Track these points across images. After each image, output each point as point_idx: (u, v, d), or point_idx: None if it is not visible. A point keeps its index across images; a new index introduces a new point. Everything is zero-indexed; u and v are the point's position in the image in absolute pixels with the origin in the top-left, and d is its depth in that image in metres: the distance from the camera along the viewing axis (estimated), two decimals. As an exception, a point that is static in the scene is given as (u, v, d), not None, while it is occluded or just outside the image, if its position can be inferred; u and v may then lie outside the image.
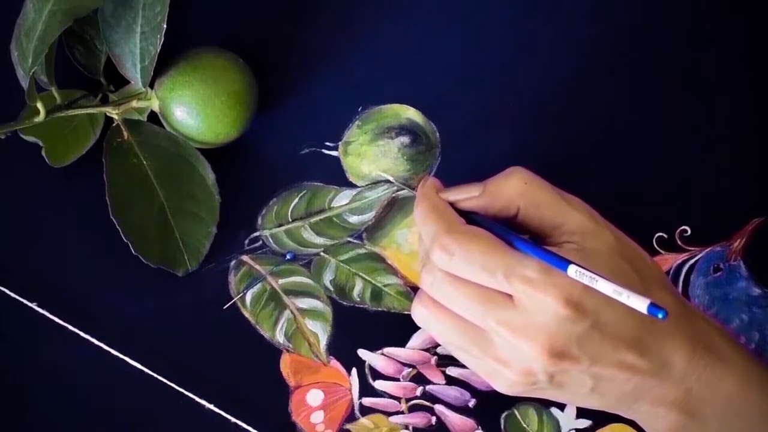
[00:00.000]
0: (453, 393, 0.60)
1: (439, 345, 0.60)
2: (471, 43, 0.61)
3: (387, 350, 0.61)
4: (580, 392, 0.50)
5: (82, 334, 0.59)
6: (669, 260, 0.60)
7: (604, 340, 0.47)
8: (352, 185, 0.61)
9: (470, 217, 0.51)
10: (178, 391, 0.59)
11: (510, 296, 0.47)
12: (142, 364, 0.59)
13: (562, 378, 0.48)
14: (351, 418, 0.61)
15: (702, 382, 0.49)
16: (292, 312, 0.61)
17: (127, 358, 0.59)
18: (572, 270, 0.45)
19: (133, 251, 0.58)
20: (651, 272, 0.50)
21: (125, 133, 0.58)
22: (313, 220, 0.61)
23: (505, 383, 0.49)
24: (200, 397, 0.59)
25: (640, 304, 0.42)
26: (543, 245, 0.49)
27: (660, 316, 0.41)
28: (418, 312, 0.51)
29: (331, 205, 0.61)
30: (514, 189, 0.50)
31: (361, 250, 0.61)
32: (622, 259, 0.49)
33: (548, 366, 0.47)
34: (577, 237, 0.49)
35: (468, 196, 0.51)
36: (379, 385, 0.61)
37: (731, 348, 0.50)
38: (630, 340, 0.47)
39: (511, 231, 0.49)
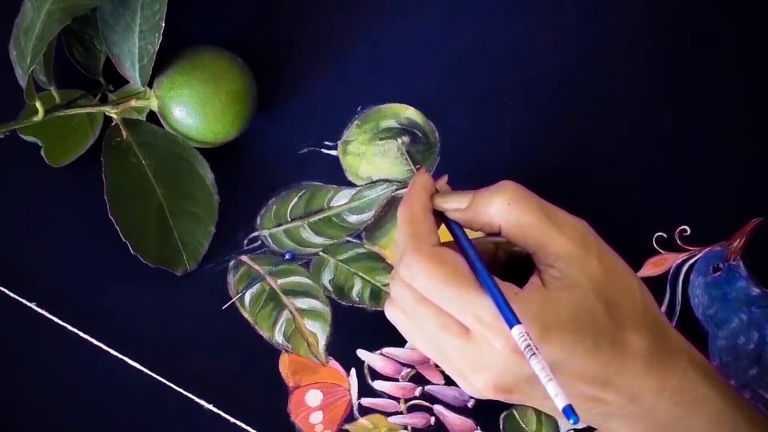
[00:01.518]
0: (452, 393, 0.60)
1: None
2: (470, 43, 0.61)
3: (386, 350, 0.60)
4: (544, 409, 0.50)
5: (81, 334, 0.59)
6: (668, 260, 0.60)
7: (559, 378, 0.46)
8: (351, 184, 0.61)
9: (450, 227, 0.50)
10: (177, 391, 0.59)
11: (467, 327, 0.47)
12: (141, 364, 0.59)
13: (519, 398, 0.48)
14: (350, 418, 0.61)
15: (672, 417, 0.48)
16: (291, 312, 0.61)
17: (126, 358, 0.59)
18: (516, 332, 0.44)
19: (132, 251, 0.58)
20: (631, 310, 0.48)
21: (124, 133, 0.58)
22: (312, 219, 0.61)
23: (467, 390, 0.49)
24: (199, 397, 0.59)
25: (559, 402, 0.43)
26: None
27: (572, 421, 0.42)
28: (389, 311, 0.50)
29: (330, 205, 0.61)
30: (496, 208, 0.48)
31: (360, 250, 0.61)
32: (599, 298, 0.47)
33: (497, 397, 0.48)
34: (561, 263, 0.48)
35: (455, 207, 0.50)
36: (378, 385, 0.60)
37: (708, 384, 0.49)
38: (592, 378, 0.47)
39: (479, 260, 0.48)
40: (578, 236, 0.48)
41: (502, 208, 0.48)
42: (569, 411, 0.42)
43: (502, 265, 0.52)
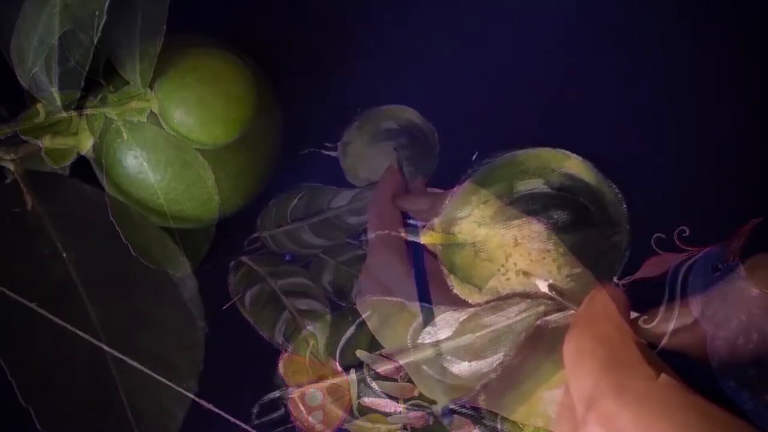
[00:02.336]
0: (451, 393, 0.60)
1: (437, 344, 0.60)
2: (470, 45, 0.61)
3: (385, 351, 0.60)
4: (505, 412, 0.52)
5: (81, 334, 0.59)
6: (667, 260, 0.60)
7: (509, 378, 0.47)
8: (351, 186, 0.61)
9: (407, 230, 0.51)
10: (177, 390, 0.59)
11: None
12: (141, 364, 0.59)
13: (472, 398, 0.49)
14: (349, 417, 0.61)
15: (635, 425, 0.47)
16: (291, 313, 0.61)
17: (126, 358, 0.59)
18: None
19: (133, 253, 0.58)
20: (591, 318, 0.49)
21: (125, 134, 0.59)
22: (312, 221, 0.61)
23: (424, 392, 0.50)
24: (199, 397, 0.59)
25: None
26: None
27: (446, 422, 0.45)
28: (359, 305, 0.52)
29: (330, 206, 0.61)
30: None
31: (360, 252, 0.61)
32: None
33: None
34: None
35: (417, 207, 0.51)
36: (377, 385, 0.61)
37: (671, 393, 0.48)
38: (547, 382, 0.48)
39: (421, 261, 0.49)
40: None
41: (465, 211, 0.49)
42: (444, 411, 0.43)
43: None
